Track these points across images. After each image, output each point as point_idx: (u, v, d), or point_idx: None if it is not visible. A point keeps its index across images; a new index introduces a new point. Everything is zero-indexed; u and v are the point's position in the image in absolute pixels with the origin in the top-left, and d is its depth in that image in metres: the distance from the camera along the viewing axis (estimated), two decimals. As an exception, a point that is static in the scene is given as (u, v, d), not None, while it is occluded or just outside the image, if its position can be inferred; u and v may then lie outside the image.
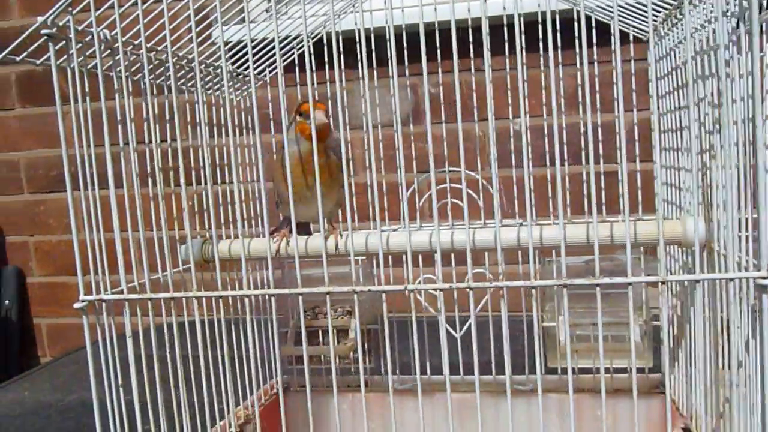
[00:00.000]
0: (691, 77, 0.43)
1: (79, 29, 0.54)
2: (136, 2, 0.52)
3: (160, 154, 0.58)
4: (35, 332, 1.88)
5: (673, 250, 0.71)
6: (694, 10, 0.57)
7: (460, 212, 0.85)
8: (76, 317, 1.85)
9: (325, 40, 0.83)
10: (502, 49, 0.79)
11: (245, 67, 0.83)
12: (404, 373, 0.86)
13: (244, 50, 0.79)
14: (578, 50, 0.74)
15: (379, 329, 0.86)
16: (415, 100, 1.56)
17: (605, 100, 0.84)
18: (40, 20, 0.51)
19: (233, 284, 0.74)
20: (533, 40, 0.72)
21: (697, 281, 0.45)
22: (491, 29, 0.78)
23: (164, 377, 0.58)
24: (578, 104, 0.88)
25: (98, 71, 0.54)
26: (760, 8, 0.55)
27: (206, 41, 0.70)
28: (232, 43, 0.79)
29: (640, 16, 0.74)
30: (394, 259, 0.93)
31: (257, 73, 0.86)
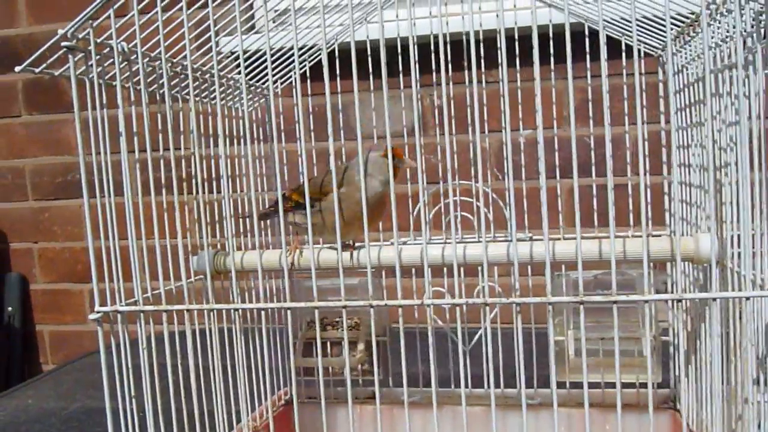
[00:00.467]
0: (709, 94, 0.43)
1: (98, 41, 0.55)
2: (154, 13, 0.52)
3: (174, 163, 0.59)
4: (38, 339, 1.87)
5: (684, 265, 0.71)
6: (709, 27, 0.57)
7: (466, 224, 0.85)
8: (78, 325, 1.85)
9: (336, 51, 0.84)
10: (512, 62, 0.80)
11: (256, 78, 0.84)
12: (410, 385, 0.86)
13: (254, 62, 0.80)
14: (588, 64, 0.75)
15: (387, 341, 0.86)
16: (422, 111, 1.57)
17: (613, 113, 0.85)
18: (60, 33, 0.52)
19: (243, 295, 0.74)
20: (544, 53, 0.73)
21: (713, 299, 0.46)
22: (492, 42, 0.79)
23: (176, 387, 0.58)
24: (587, 117, 0.88)
25: (117, 82, 0.54)
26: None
27: (219, 53, 0.70)
28: (237, 54, 0.80)
29: (650, 32, 0.75)
30: (402, 270, 0.93)
31: (264, 83, 0.87)
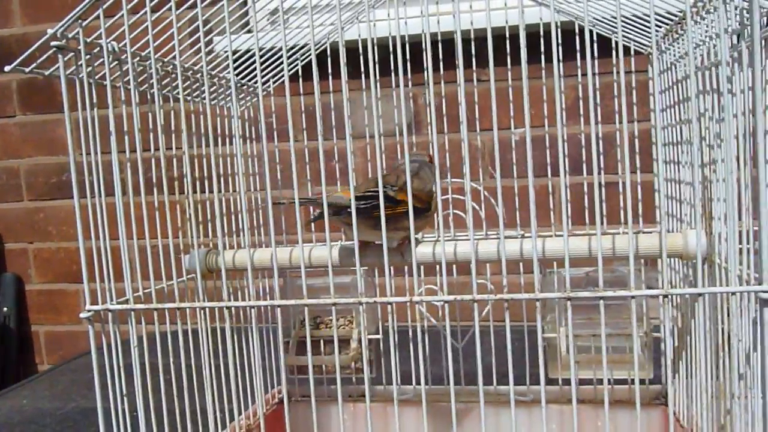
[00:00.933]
0: (693, 92, 0.44)
1: (88, 41, 0.55)
2: (143, 13, 0.52)
3: (165, 163, 0.59)
4: (33, 340, 1.87)
5: (673, 262, 0.71)
6: (696, 26, 0.58)
7: (459, 222, 0.85)
8: (74, 325, 1.85)
9: (328, 51, 0.84)
10: (504, 60, 0.80)
11: (248, 77, 0.84)
12: (404, 382, 0.86)
13: (246, 60, 0.80)
14: (579, 62, 0.75)
15: (380, 339, 0.86)
16: (415, 110, 1.57)
17: (605, 111, 0.85)
18: (49, 32, 0.52)
19: (236, 294, 0.74)
20: (535, 51, 0.73)
21: (699, 294, 0.46)
22: (483, 41, 0.79)
23: (168, 386, 0.58)
24: (578, 115, 0.89)
25: (107, 82, 0.54)
26: (760, 24, 0.56)
27: (211, 52, 0.70)
28: (238, 53, 0.80)
29: (640, 30, 0.75)
30: (394, 268, 0.93)
31: (263, 82, 0.87)
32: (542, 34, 0.76)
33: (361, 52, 0.80)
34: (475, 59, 0.80)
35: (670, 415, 0.45)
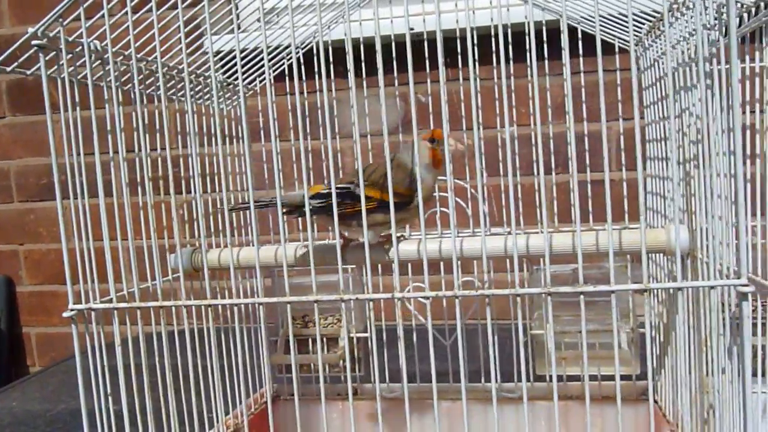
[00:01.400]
0: (672, 90, 0.44)
1: (69, 40, 0.55)
2: (126, 12, 0.52)
3: (150, 163, 0.59)
4: (24, 342, 1.87)
5: (659, 258, 0.71)
6: (676, 22, 0.58)
7: (448, 220, 0.85)
8: (65, 326, 1.84)
9: (314, 49, 0.84)
10: (490, 58, 0.80)
11: (236, 77, 0.84)
12: (395, 380, 0.87)
13: (234, 60, 0.80)
14: (566, 60, 0.75)
15: (369, 338, 0.86)
16: (405, 109, 1.57)
17: (592, 109, 0.85)
18: (30, 31, 0.52)
19: (223, 293, 0.74)
20: (521, 49, 0.73)
21: (679, 289, 0.46)
22: (479, 39, 0.79)
23: (153, 386, 0.58)
24: (565, 113, 0.89)
25: (88, 81, 0.54)
26: (741, 21, 0.56)
27: (197, 51, 0.70)
28: (223, 52, 0.80)
29: (625, 27, 0.75)
30: (384, 267, 0.93)
31: (248, 82, 0.87)
32: (527, 32, 0.77)
33: (348, 51, 0.80)
34: (461, 58, 0.80)
35: (650, 408, 0.45)
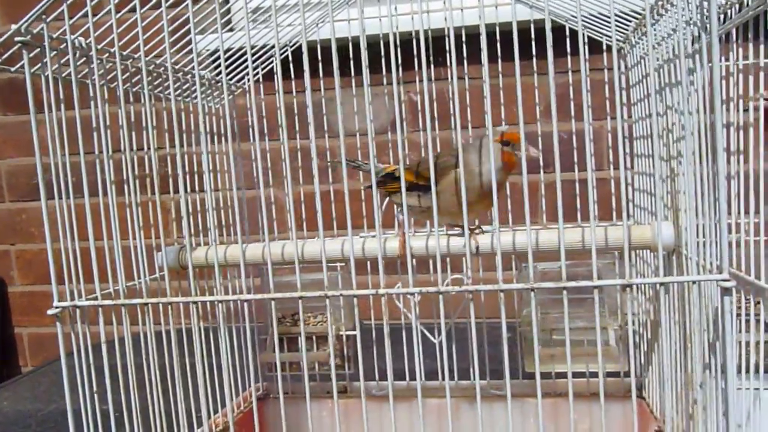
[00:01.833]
0: (653, 88, 0.44)
1: (54, 37, 0.55)
2: (110, 11, 0.52)
3: (136, 161, 0.58)
4: (16, 342, 1.86)
5: (647, 255, 0.72)
6: (661, 19, 0.58)
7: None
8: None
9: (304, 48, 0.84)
10: (479, 57, 0.80)
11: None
12: (384, 378, 0.87)
13: (217, 59, 0.80)
14: (551, 58, 0.75)
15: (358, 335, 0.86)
16: (394, 107, 1.57)
17: (581, 107, 0.85)
18: (14, 27, 0.52)
19: (211, 291, 0.74)
20: (511, 48, 0.73)
21: (661, 284, 0.46)
22: (469, 38, 0.80)
23: (141, 385, 0.58)
24: (562, 112, 0.89)
25: (72, 79, 0.54)
26: (724, 18, 0.56)
27: (183, 49, 0.70)
28: (210, 50, 0.80)
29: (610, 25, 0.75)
30: (372, 266, 0.93)
31: (237, 80, 0.87)
32: (516, 31, 0.77)
33: (333, 50, 0.80)
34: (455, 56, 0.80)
35: (633, 404, 0.45)
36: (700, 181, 0.50)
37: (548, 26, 0.45)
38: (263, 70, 0.87)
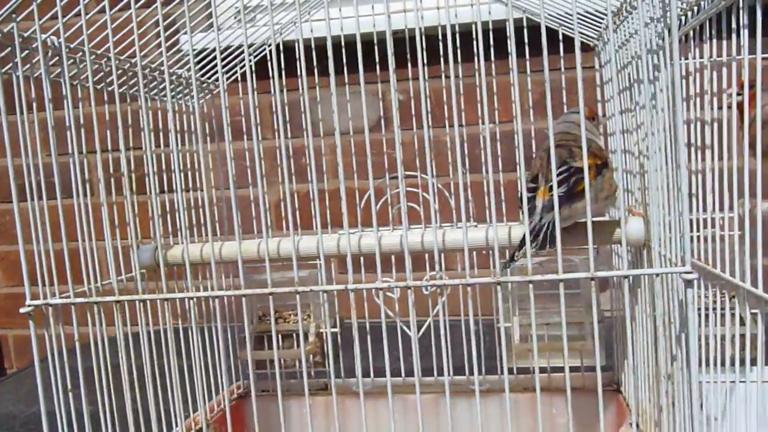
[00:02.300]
0: (615, 90, 0.45)
1: (25, 36, 0.55)
2: (80, 10, 0.52)
3: (111, 161, 0.59)
4: (2, 344, 1.85)
5: (619, 248, 0.72)
6: (629, 17, 0.59)
7: (415, 216, 0.86)
8: (42, 328, 1.83)
9: (296, 47, 0.84)
10: (471, 56, 0.81)
11: (203, 74, 0.84)
12: (366, 375, 0.87)
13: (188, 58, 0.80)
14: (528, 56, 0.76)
15: (338, 333, 0.87)
16: (383, 107, 1.57)
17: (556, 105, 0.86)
18: (-17, 27, 0.52)
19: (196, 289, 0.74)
20: (501, 47, 0.74)
21: (625, 277, 0.47)
22: (461, 36, 0.80)
23: (117, 386, 0.58)
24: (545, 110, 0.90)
25: (43, 79, 0.54)
26: (686, 17, 0.57)
27: (158, 48, 0.70)
28: (182, 51, 0.80)
29: (586, 23, 0.76)
30: (354, 264, 0.93)
31: (215, 80, 0.87)
32: (491, 30, 0.77)
33: (300, 49, 0.80)
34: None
35: (599, 398, 0.46)
36: (667, 176, 0.50)
37: (510, 26, 0.45)
38: (242, 69, 0.87)
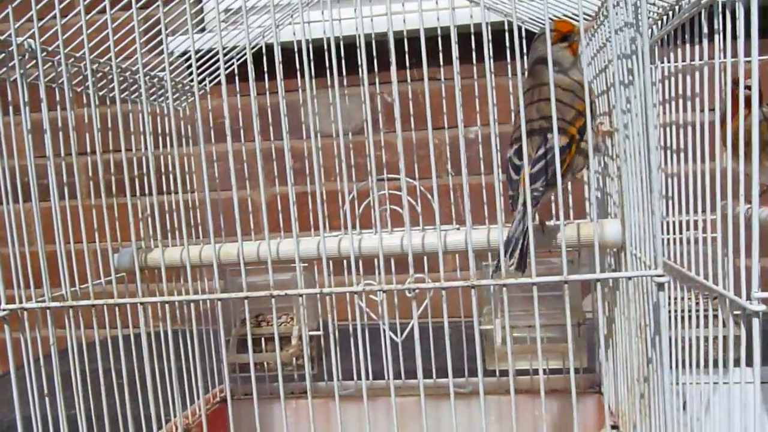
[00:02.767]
0: (587, 98, 0.45)
1: (1, 39, 0.54)
2: (55, 14, 0.52)
3: (88, 164, 0.58)
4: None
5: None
6: (606, 20, 0.59)
7: (397, 218, 0.86)
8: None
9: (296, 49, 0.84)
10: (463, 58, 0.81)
11: (184, 76, 0.84)
12: (347, 378, 0.87)
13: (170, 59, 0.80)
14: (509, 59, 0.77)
15: (321, 336, 0.87)
16: (372, 108, 1.58)
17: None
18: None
19: (173, 293, 0.74)
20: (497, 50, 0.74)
21: (597, 280, 0.47)
22: (444, 39, 0.80)
23: (95, 389, 0.58)
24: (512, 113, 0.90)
25: (19, 82, 0.54)
26: (665, 19, 0.58)
27: (136, 52, 0.70)
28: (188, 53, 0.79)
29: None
30: (338, 266, 0.94)
31: (199, 83, 0.87)
32: (472, 33, 0.78)
33: (297, 52, 0.80)
34: (408, 58, 0.81)
35: (573, 399, 0.46)
36: (641, 179, 0.51)
37: (485, 28, 0.45)
38: (227, 71, 0.87)
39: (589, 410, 0.81)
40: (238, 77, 0.84)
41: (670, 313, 0.49)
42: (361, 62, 0.71)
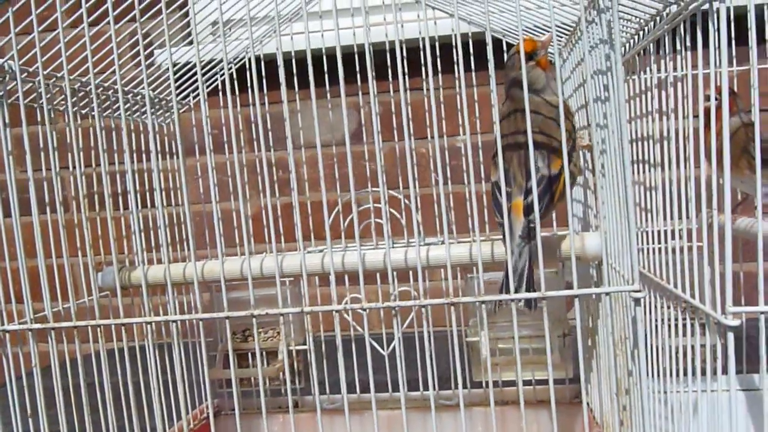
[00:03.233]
0: (561, 114, 0.46)
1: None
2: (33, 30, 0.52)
3: (70, 180, 0.58)
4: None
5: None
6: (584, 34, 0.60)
7: (393, 231, 0.87)
8: (13, 347, 1.80)
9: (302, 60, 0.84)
10: (447, 68, 0.81)
11: (166, 92, 0.84)
12: (334, 392, 0.87)
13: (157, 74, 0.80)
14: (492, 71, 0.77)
15: (307, 350, 0.87)
16: (357, 119, 1.58)
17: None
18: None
19: (157, 310, 0.74)
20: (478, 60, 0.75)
21: (575, 296, 0.48)
22: (441, 49, 0.80)
23: (78, 409, 0.58)
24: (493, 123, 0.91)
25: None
26: (644, 32, 0.58)
27: (112, 66, 0.71)
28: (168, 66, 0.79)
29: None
30: (321, 280, 0.94)
31: (183, 98, 0.87)
32: (457, 43, 0.78)
33: (291, 62, 0.80)
34: (391, 68, 0.81)
35: (552, 410, 0.46)
36: (617, 194, 0.51)
37: (457, 40, 0.46)
38: (214, 83, 0.87)
39: (575, 420, 0.82)
40: (230, 89, 0.84)
41: (650, 322, 0.50)
42: (360, 72, 0.72)
